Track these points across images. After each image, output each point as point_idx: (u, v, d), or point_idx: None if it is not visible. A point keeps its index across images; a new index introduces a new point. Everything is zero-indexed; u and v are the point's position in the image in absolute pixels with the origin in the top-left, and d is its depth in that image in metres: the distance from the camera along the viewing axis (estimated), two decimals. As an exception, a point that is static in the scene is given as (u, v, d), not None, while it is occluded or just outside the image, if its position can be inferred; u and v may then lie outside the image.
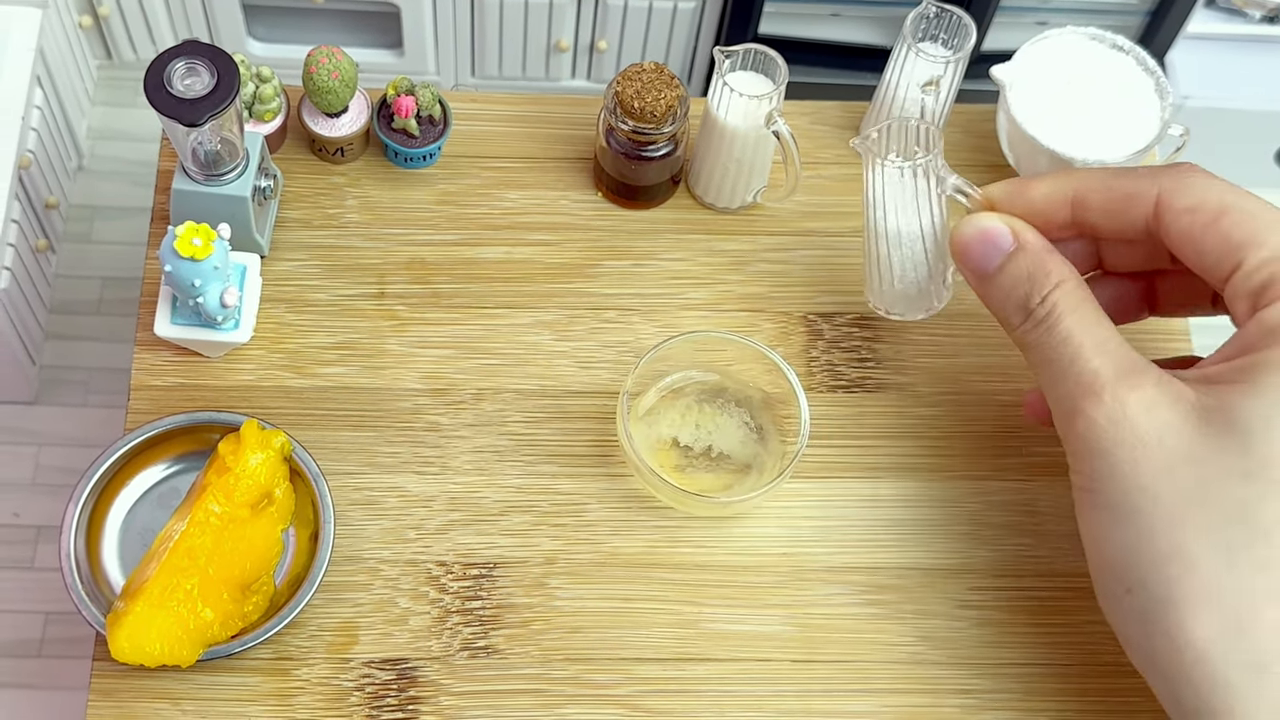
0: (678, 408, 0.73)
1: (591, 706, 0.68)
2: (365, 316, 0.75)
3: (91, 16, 1.37)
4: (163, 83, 0.65)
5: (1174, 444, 0.57)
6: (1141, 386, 0.59)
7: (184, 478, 0.70)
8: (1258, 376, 0.56)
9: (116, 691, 0.66)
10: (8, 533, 1.24)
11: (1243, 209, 0.59)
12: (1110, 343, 0.61)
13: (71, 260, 1.36)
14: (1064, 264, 0.63)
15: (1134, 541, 0.58)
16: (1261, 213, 0.59)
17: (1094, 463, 0.59)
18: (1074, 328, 0.61)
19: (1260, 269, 0.58)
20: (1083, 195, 0.64)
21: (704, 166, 0.78)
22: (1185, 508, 0.57)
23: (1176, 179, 0.62)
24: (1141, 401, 0.58)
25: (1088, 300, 0.62)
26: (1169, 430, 0.57)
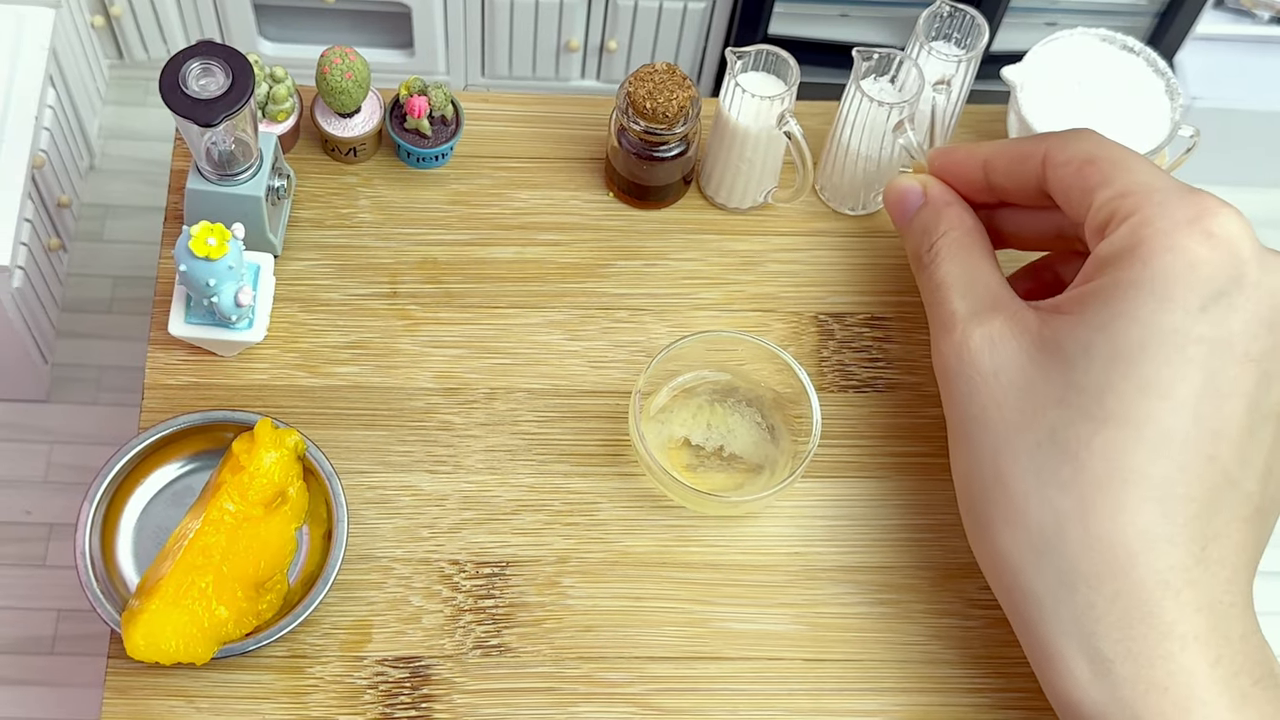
0: (689, 407, 0.73)
1: (603, 705, 0.68)
2: (378, 316, 0.76)
3: (104, 16, 1.37)
4: (178, 83, 0.65)
5: (1008, 376, 0.61)
6: (989, 322, 0.63)
7: (198, 476, 0.71)
8: (1084, 306, 0.60)
9: (131, 689, 0.67)
10: (20, 530, 1.24)
11: (1104, 157, 0.62)
12: (979, 284, 0.65)
13: (84, 259, 1.36)
14: (960, 215, 0.69)
15: (966, 467, 0.63)
16: (1120, 159, 0.62)
17: (945, 395, 0.65)
18: (949, 273, 0.66)
19: (1104, 206, 0.61)
20: (989, 158, 0.68)
21: (716, 167, 0.78)
22: (1008, 434, 0.60)
23: (1061, 137, 0.65)
24: (986, 336, 0.62)
25: (971, 247, 0.67)
26: (1007, 362, 0.61)
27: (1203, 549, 0.57)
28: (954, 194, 0.70)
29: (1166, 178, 0.61)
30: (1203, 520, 0.57)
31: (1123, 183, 0.61)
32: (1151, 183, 0.60)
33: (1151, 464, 0.57)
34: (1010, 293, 0.65)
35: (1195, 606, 0.57)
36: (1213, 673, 0.57)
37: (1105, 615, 0.57)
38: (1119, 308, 0.58)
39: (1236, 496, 0.58)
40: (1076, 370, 0.59)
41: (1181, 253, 0.57)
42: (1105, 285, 0.59)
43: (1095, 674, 0.58)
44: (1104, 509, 0.57)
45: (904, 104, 0.73)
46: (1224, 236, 0.58)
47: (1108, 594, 0.57)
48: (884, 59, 0.75)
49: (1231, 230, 0.58)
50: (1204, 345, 0.57)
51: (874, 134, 0.75)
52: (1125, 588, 0.57)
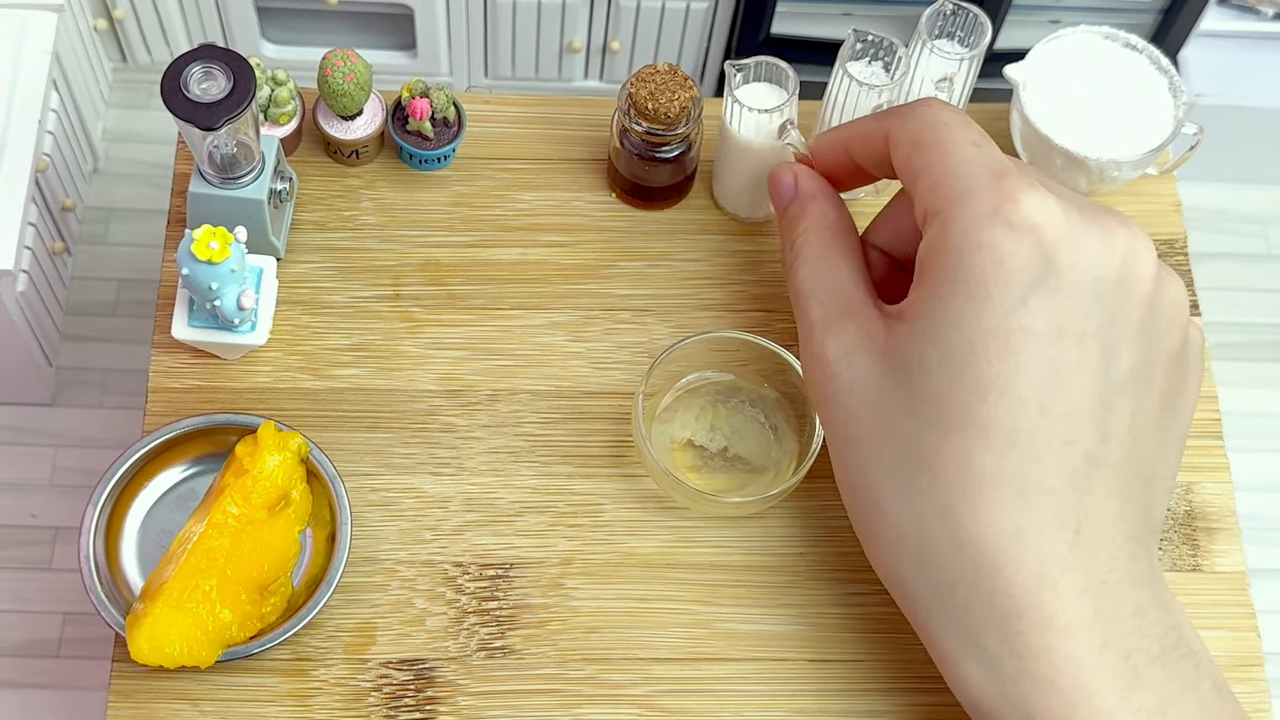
0: (693, 408, 0.73)
1: (608, 706, 0.68)
2: (381, 318, 0.76)
3: (106, 19, 1.38)
4: (179, 87, 0.65)
5: (863, 389, 0.61)
6: (843, 332, 0.62)
7: (202, 479, 0.71)
8: (915, 315, 0.59)
9: (135, 692, 0.67)
10: (25, 533, 1.24)
11: (927, 139, 0.61)
12: (836, 290, 0.64)
13: (88, 262, 1.36)
14: (823, 210, 0.67)
15: (842, 479, 0.62)
16: (941, 142, 0.60)
17: (811, 401, 0.64)
18: (806, 276, 0.65)
19: (921, 200, 0.60)
20: (850, 141, 0.67)
21: (724, 179, 0.78)
22: (869, 447, 0.60)
23: (900, 114, 0.63)
24: (840, 348, 0.62)
25: (831, 244, 0.66)
26: (860, 375, 0.61)
27: (1075, 534, 0.57)
28: (822, 185, 0.68)
29: (978, 160, 0.59)
30: (1069, 506, 0.57)
31: (936, 171, 0.60)
32: (959, 169, 0.59)
33: (1003, 461, 0.56)
34: (865, 297, 0.64)
35: (1075, 593, 0.56)
36: (1099, 659, 0.56)
37: (986, 616, 0.57)
38: (942, 315, 0.57)
39: (1102, 474, 0.58)
40: (916, 380, 0.58)
41: (988, 250, 0.56)
42: (927, 293, 0.58)
43: (985, 673, 0.57)
44: (965, 513, 0.57)
45: (886, 88, 0.72)
46: (1027, 224, 0.56)
47: (984, 594, 0.57)
48: (879, 45, 0.74)
49: (1034, 216, 0.57)
50: (1030, 336, 0.56)
51: (857, 115, 0.74)
52: (1000, 586, 0.56)
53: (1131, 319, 0.59)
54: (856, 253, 0.66)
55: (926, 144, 0.61)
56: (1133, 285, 0.59)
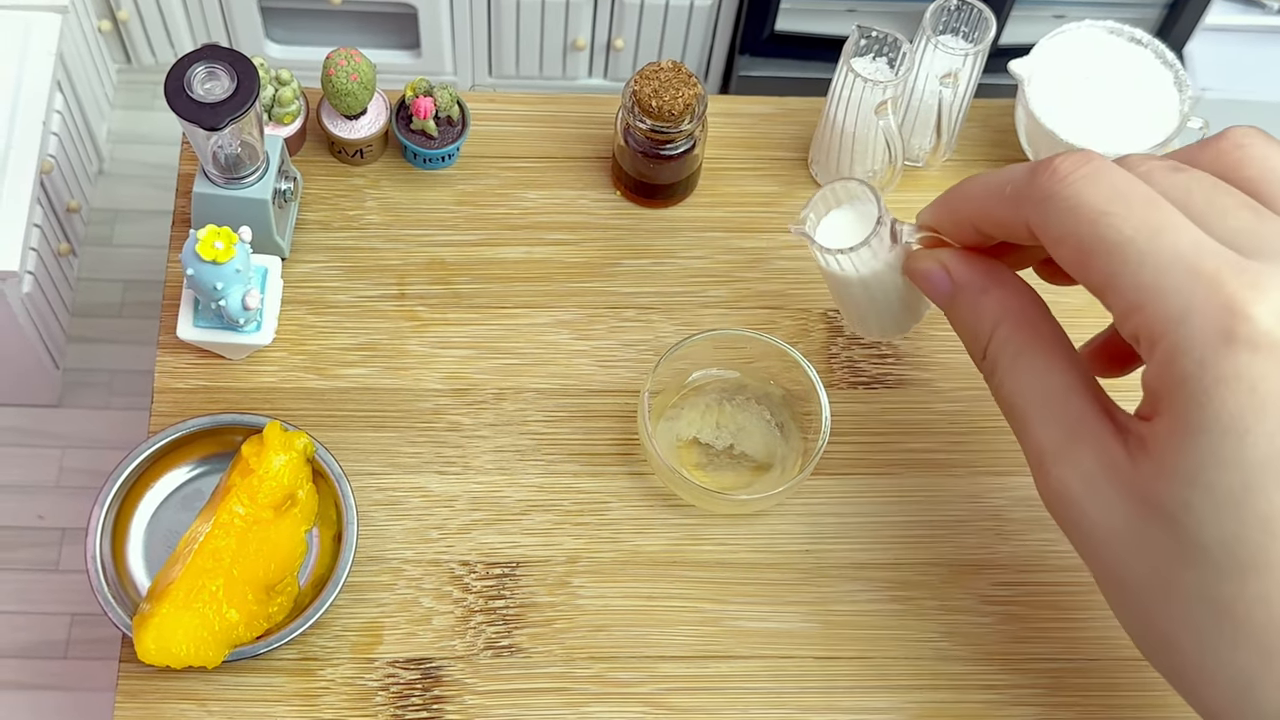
0: (698, 406, 0.73)
1: (615, 705, 0.68)
2: (386, 317, 0.76)
3: (111, 21, 1.38)
4: (183, 87, 0.65)
5: (1121, 533, 0.54)
6: (1079, 462, 0.54)
7: (208, 480, 0.71)
8: (1163, 454, 0.52)
9: (143, 693, 0.67)
10: (33, 535, 1.24)
11: (1096, 247, 0.52)
12: (1055, 401, 0.56)
13: (93, 264, 1.36)
14: (1000, 303, 0.57)
15: (1128, 619, 0.56)
16: (1115, 248, 0.51)
17: (1069, 538, 0.57)
18: (1015, 392, 0.57)
19: (1124, 323, 0.52)
20: (979, 226, 0.58)
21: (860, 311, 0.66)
22: (1150, 597, 0.54)
23: (1037, 208, 0.54)
24: (1081, 481, 0.54)
25: (1031, 345, 0.57)
26: (1111, 515, 0.54)
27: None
28: (983, 268, 0.59)
29: (1175, 262, 0.50)
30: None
31: (1130, 290, 0.51)
32: (1160, 284, 0.50)
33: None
34: (1092, 407, 0.55)
35: None
36: None
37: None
38: (1199, 458, 0.51)
39: None
40: (1186, 529, 0.52)
41: (1234, 383, 0.49)
42: (1172, 431, 0.51)
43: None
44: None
45: (890, 84, 0.72)
46: (1269, 341, 0.49)
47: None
48: (883, 41, 0.74)
49: (1270, 324, 0.48)
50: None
51: (860, 112, 0.74)
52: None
53: None
54: (1064, 345, 0.57)
55: (1098, 252, 0.51)
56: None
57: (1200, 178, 0.52)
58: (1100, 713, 0.69)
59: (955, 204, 0.59)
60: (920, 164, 0.81)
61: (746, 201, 0.80)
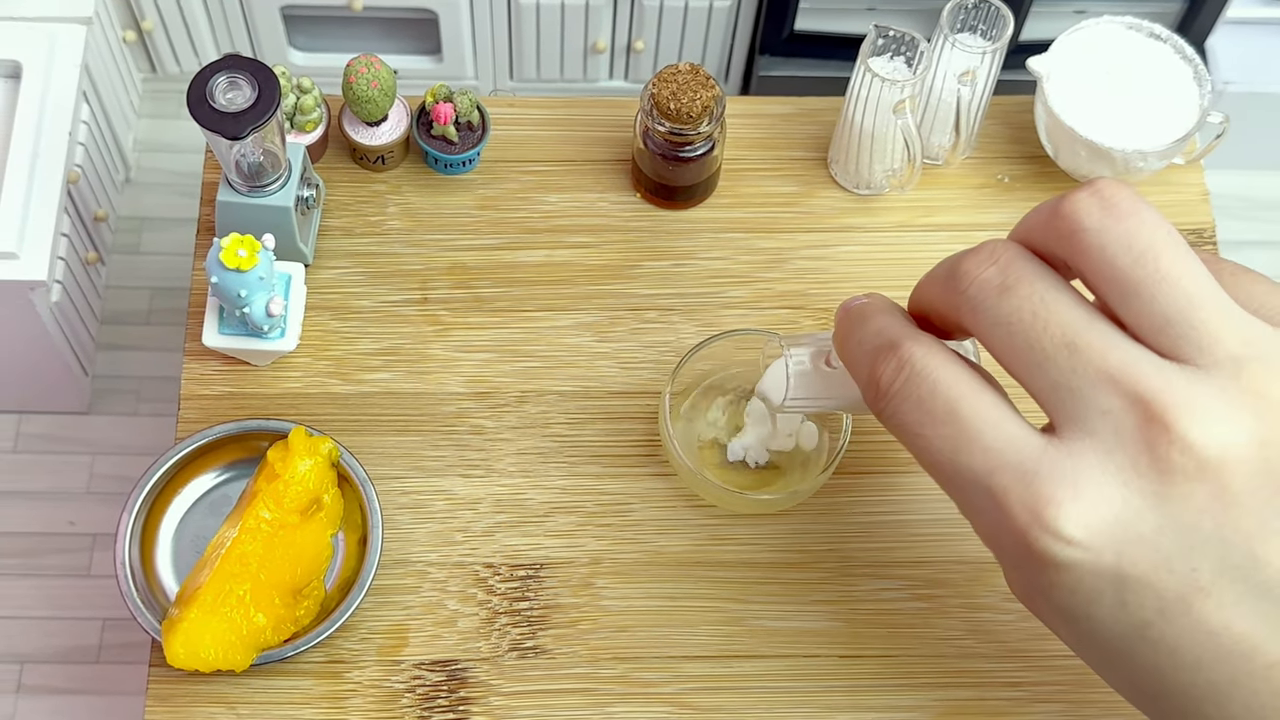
0: (720, 406, 0.73)
1: (640, 705, 0.68)
2: (409, 322, 0.76)
3: (135, 31, 1.39)
4: (205, 97, 0.66)
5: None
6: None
7: (234, 485, 0.71)
8: None
9: (173, 697, 0.67)
10: (64, 541, 1.26)
11: (926, 466, 0.49)
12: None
13: (121, 271, 1.37)
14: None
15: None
16: (935, 468, 0.49)
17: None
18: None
19: None
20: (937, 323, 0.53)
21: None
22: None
23: (887, 423, 0.50)
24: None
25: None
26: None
27: None
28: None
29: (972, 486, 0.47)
30: None
31: (960, 506, 0.49)
32: (972, 504, 0.48)
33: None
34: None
35: None
36: None
37: None
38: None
39: None
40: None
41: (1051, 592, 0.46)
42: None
43: None
44: None
45: (908, 83, 0.72)
46: (1070, 551, 0.45)
47: None
48: (900, 40, 0.74)
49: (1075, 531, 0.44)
50: None
51: (879, 111, 0.74)
52: None
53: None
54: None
55: (928, 470, 0.50)
56: None
57: (1025, 302, 0.47)
58: (1124, 709, 0.69)
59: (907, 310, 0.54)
60: (940, 162, 0.81)
61: (766, 202, 0.81)
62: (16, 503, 1.27)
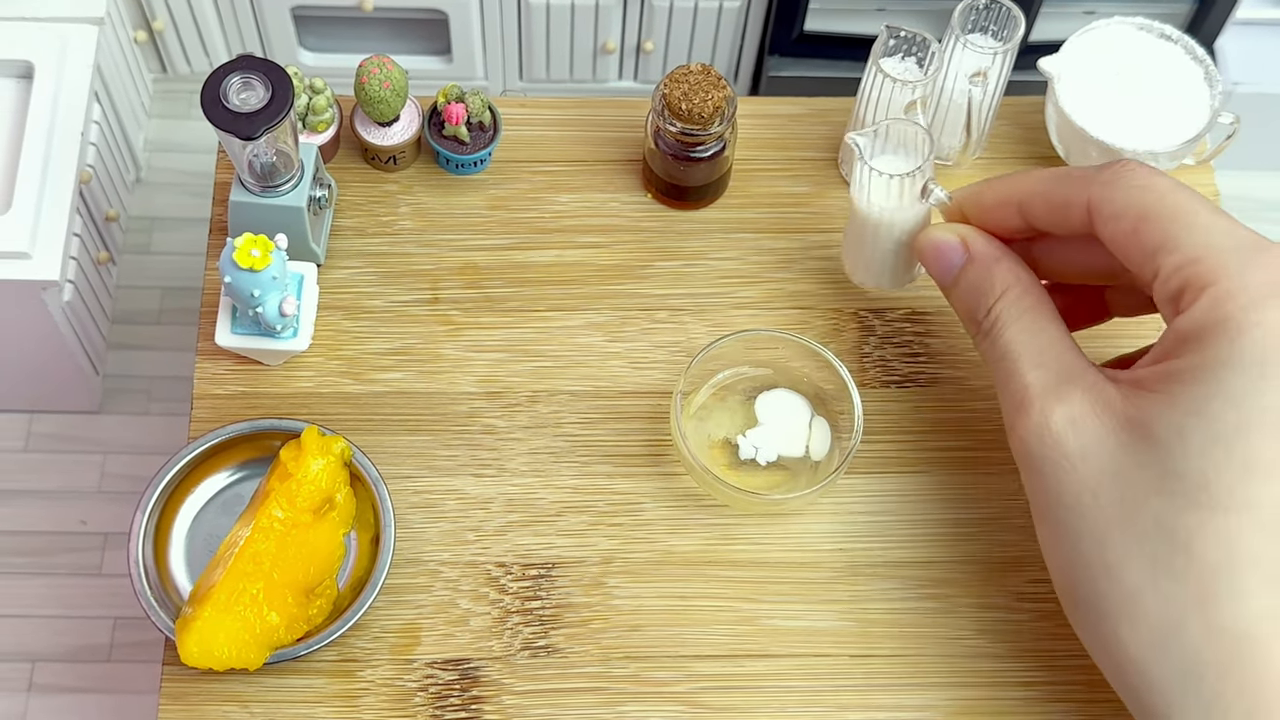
0: (731, 406, 0.73)
1: (651, 704, 0.68)
2: (420, 322, 0.76)
3: (146, 31, 1.39)
4: (219, 98, 0.66)
5: (1097, 459, 0.57)
6: (1069, 399, 0.59)
7: (247, 484, 0.71)
8: (1171, 386, 0.56)
9: (186, 695, 0.68)
10: (76, 540, 1.26)
11: (1160, 213, 0.58)
12: (1050, 352, 0.61)
13: (132, 271, 1.38)
14: (1012, 272, 0.63)
15: (1066, 556, 0.59)
16: (1179, 214, 0.57)
17: (1028, 478, 0.60)
18: (1013, 340, 0.62)
19: (1174, 275, 0.57)
20: (1027, 203, 0.64)
21: (862, 254, 0.73)
22: (1109, 524, 0.57)
23: (1105, 185, 0.60)
24: (1067, 416, 0.58)
25: (1034, 308, 0.62)
26: (1093, 445, 0.57)
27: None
28: (1000, 245, 0.65)
29: (1237, 233, 0.56)
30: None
31: (1189, 246, 0.56)
32: (1222, 243, 0.56)
33: (1268, 546, 0.54)
34: (1084, 360, 0.61)
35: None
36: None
37: (1234, 705, 0.54)
38: (1211, 389, 0.54)
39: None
40: (1173, 456, 0.55)
41: (1271, 327, 0.53)
42: (1192, 365, 0.55)
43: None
44: (1224, 598, 0.54)
45: (920, 83, 0.72)
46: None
47: (1234, 684, 0.54)
48: (911, 40, 0.74)
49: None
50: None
51: (890, 112, 0.74)
52: (1254, 675, 0.54)
53: None
54: (1058, 314, 0.63)
55: (1162, 217, 0.57)
56: None
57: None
58: (1137, 709, 0.69)
59: (1007, 184, 0.64)
60: (950, 162, 0.81)
61: (777, 202, 0.81)
62: (28, 502, 1.27)
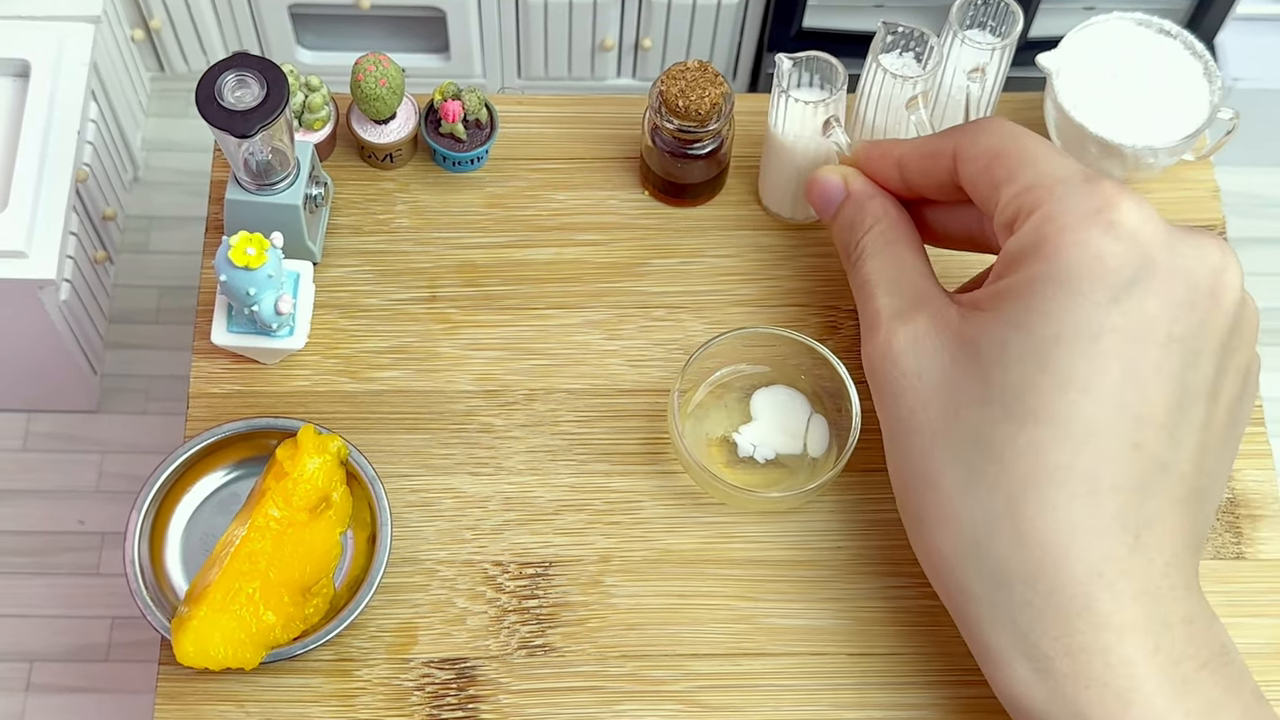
0: (728, 403, 0.73)
1: (649, 703, 0.68)
2: (417, 320, 0.76)
3: (143, 30, 1.39)
4: (214, 95, 0.66)
5: (930, 375, 0.61)
6: (913, 321, 0.62)
7: (243, 483, 0.71)
8: (997, 303, 0.59)
9: (182, 695, 0.68)
10: (73, 539, 1.26)
11: (1009, 151, 0.61)
12: (904, 280, 0.64)
13: (129, 270, 1.38)
14: (881, 207, 0.68)
15: (897, 467, 0.62)
16: (1024, 153, 0.61)
17: (875, 397, 0.64)
18: (874, 270, 0.66)
19: (1010, 202, 0.61)
20: (903, 155, 0.67)
21: (768, 176, 0.78)
22: (933, 434, 0.60)
23: (969, 131, 0.64)
24: (908, 336, 0.62)
25: (897, 241, 0.66)
26: (928, 362, 0.61)
27: (1136, 537, 0.57)
28: (876, 186, 0.69)
29: (1071, 168, 0.60)
30: (1133, 508, 0.57)
31: (1027, 176, 0.60)
32: (1054, 174, 0.60)
33: (1076, 458, 0.57)
34: (936, 287, 0.64)
35: (1131, 595, 0.56)
36: (1152, 661, 0.56)
37: (1041, 612, 0.57)
38: (1030, 304, 0.58)
39: (1169, 480, 0.58)
40: (994, 368, 0.58)
41: (1086, 246, 0.57)
42: (1016, 282, 0.59)
43: (1035, 671, 0.57)
44: (1031, 506, 0.57)
45: (919, 79, 0.72)
46: (1127, 226, 0.57)
47: (1042, 591, 0.57)
48: (910, 36, 0.74)
49: (1134, 219, 0.57)
50: (1118, 335, 0.57)
51: (891, 108, 0.74)
52: (1059, 583, 0.57)
53: (1217, 329, 0.59)
54: (921, 247, 0.67)
55: (1010, 153, 0.61)
56: (1221, 296, 0.59)
57: None
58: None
59: (889, 142, 0.69)
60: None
61: (775, 199, 0.80)
62: (26, 501, 1.27)
